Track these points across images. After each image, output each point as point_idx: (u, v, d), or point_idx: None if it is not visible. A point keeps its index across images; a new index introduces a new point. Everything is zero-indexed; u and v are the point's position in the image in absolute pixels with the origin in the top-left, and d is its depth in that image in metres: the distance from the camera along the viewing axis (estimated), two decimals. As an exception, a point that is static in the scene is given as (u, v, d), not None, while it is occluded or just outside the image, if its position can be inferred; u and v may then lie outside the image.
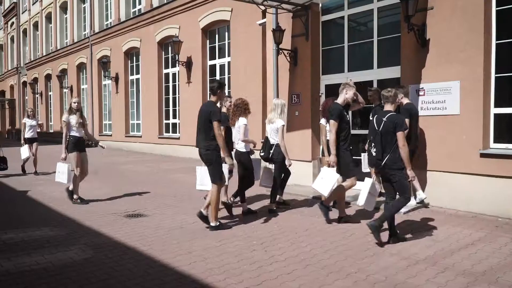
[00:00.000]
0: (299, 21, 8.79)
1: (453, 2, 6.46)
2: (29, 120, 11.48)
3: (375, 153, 5.04)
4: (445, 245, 4.95)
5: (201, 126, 5.74)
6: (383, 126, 4.95)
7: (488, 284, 3.82)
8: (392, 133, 4.87)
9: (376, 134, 5.02)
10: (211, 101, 5.83)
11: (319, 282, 3.90)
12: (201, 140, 5.74)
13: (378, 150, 4.98)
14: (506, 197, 6.03)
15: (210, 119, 5.55)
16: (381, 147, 4.95)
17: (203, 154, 5.73)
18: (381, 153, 4.94)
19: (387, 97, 5.11)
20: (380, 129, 4.97)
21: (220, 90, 5.83)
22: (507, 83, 6.34)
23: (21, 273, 4.21)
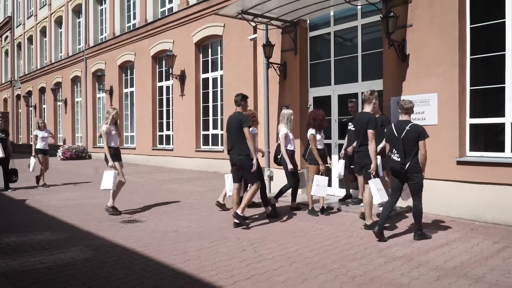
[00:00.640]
0: (288, 37, 9.24)
1: (431, 20, 6.93)
2: (41, 131, 11.44)
3: (399, 158, 5.47)
4: (421, 245, 5.32)
5: (233, 134, 6.45)
6: (405, 133, 5.45)
7: (457, 277, 4.18)
8: (414, 141, 5.42)
9: (398, 141, 5.49)
10: (239, 112, 6.58)
11: (303, 276, 4.25)
12: (233, 147, 6.44)
13: (401, 155, 5.45)
14: (481, 201, 6.43)
15: (241, 126, 6.31)
16: (404, 153, 5.42)
17: (236, 160, 6.43)
18: (404, 158, 5.42)
19: (406, 108, 5.63)
20: (402, 136, 5.46)
21: (244, 101, 6.66)
22: (481, 96, 6.79)
23: (26, 272, 4.51)
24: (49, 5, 26.85)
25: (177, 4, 16.00)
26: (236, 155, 6.41)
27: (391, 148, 5.67)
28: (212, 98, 14.83)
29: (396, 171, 5.58)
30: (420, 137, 5.45)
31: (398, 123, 5.70)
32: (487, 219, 6.38)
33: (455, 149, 6.71)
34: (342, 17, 8.70)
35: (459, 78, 6.69)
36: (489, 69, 6.68)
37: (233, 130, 6.45)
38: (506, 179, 6.19)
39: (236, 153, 6.41)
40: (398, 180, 5.64)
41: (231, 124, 6.53)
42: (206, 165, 14.47)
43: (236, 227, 6.35)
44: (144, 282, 4.16)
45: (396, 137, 5.56)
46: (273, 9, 8.50)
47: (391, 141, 5.67)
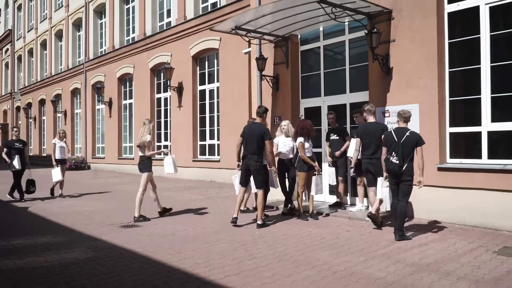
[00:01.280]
0: (280, 51, 9.70)
1: (412, 36, 7.39)
2: (59, 141, 11.21)
3: (397, 161, 5.95)
4: (401, 245, 5.70)
5: (253, 142, 7.10)
6: (405, 139, 5.94)
7: (429, 272, 4.56)
8: (412, 146, 5.94)
9: (398, 145, 5.95)
10: (259, 123, 7.37)
11: (289, 272, 4.62)
12: (251, 153, 7.09)
13: (400, 158, 5.92)
14: (460, 205, 6.82)
15: (263, 138, 7.04)
16: (402, 156, 5.90)
17: (252, 165, 7.09)
18: (402, 161, 5.91)
19: (406, 117, 6.20)
20: (401, 141, 5.93)
21: (265, 114, 7.53)
22: (460, 106, 7.22)
23: (33, 269, 4.87)
24: (49, 19, 27.42)
25: (175, 18, 16.53)
26: (253, 161, 7.06)
27: (390, 152, 6.11)
28: (209, 109, 15.27)
29: (394, 172, 6.05)
30: (418, 143, 5.99)
31: (397, 129, 6.19)
32: (465, 222, 6.77)
33: (436, 156, 7.12)
34: (331, 32, 9.17)
35: (439, 90, 7.12)
36: (466, 81, 7.12)
37: (253, 139, 7.11)
38: (483, 184, 6.58)
39: (254, 160, 7.06)
40: (394, 183, 6.13)
41: (251, 133, 7.16)
42: (203, 175, 14.85)
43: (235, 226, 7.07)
44: (142, 278, 4.52)
45: (396, 142, 6.03)
46: (266, 25, 8.96)
47: (390, 145, 6.12)
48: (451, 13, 7.20)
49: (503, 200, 6.36)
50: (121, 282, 4.39)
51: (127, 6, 20.23)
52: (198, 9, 15.72)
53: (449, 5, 7.20)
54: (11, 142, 10.78)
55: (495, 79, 6.74)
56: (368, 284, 4.21)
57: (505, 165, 6.44)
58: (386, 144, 6.22)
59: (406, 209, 6.08)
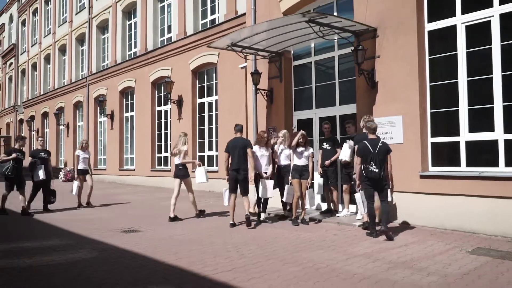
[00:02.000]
0: (274, 66, 10.24)
1: (394, 52, 7.91)
2: (82, 152, 11.30)
3: (377, 169, 6.52)
4: (383, 245, 6.14)
5: (239, 154, 8.00)
6: (379, 149, 6.59)
7: (404, 268, 5.00)
8: (385, 155, 6.67)
9: (374, 155, 6.54)
10: (241, 137, 8.32)
11: (276, 268, 5.07)
12: (238, 164, 8.00)
13: (378, 166, 6.53)
14: (441, 211, 7.27)
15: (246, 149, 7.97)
16: (379, 164, 6.52)
17: (241, 174, 7.98)
18: (380, 168, 6.53)
19: (373, 129, 6.85)
20: (376, 151, 6.54)
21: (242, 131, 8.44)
22: (440, 117, 7.70)
23: (42, 266, 5.33)
24: (53, 34, 28.12)
25: (175, 34, 17.13)
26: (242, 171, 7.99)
27: (368, 161, 6.63)
28: (208, 121, 15.77)
29: (375, 179, 6.63)
30: (388, 151, 6.78)
31: (370, 140, 6.76)
32: (446, 226, 7.21)
33: (418, 165, 7.58)
34: (322, 49, 9.72)
35: (420, 102, 7.62)
36: (445, 94, 7.61)
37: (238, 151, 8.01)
38: (462, 190, 7.03)
39: (242, 170, 7.99)
40: (373, 188, 6.70)
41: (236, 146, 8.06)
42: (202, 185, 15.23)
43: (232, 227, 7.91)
44: (142, 273, 4.97)
45: (372, 152, 6.59)
46: (261, 42, 9.51)
47: (367, 155, 6.64)
48: (430, 31, 7.73)
49: (480, 205, 6.81)
50: (122, 277, 4.84)
51: (129, 22, 20.89)
52: (198, 26, 16.32)
53: (429, 24, 7.74)
54: (36, 151, 10.68)
55: (471, 92, 7.24)
56: (347, 278, 4.65)
57: (480, 173, 6.91)
58: (362, 154, 6.75)
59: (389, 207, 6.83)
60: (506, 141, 6.81)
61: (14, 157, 9.78)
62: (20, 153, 10.07)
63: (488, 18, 7.02)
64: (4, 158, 9.86)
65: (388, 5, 8.02)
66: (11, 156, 9.80)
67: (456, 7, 7.42)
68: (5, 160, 9.77)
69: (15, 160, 9.82)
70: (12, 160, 9.78)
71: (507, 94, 6.83)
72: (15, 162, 9.83)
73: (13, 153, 9.86)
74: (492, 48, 6.96)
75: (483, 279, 4.58)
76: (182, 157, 9.07)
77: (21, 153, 10.13)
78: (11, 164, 9.73)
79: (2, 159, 9.86)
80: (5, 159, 9.80)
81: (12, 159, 9.77)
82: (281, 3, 10.02)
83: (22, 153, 10.19)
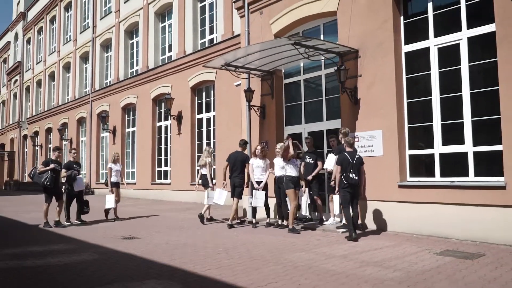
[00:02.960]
0: (266, 84, 10.91)
1: (374, 72, 8.57)
2: (115, 165, 11.46)
3: (356, 177, 7.45)
4: (359, 249, 6.70)
5: (238, 165, 9.57)
6: (356, 160, 7.51)
7: (373, 266, 5.57)
8: (360, 165, 7.62)
9: (353, 165, 7.45)
10: (241, 151, 9.84)
11: (258, 266, 5.64)
12: (237, 173, 9.56)
13: (356, 174, 7.46)
14: (417, 217, 7.83)
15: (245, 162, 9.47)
16: (357, 173, 7.45)
17: (236, 182, 9.54)
18: (358, 176, 7.46)
19: (351, 143, 7.75)
20: (354, 161, 7.45)
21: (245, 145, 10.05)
22: (417, 132, 8.32)
23: (50, 266, 5.91)
24: (58, 52, 29.06)
25: (175, 53, 17.93)
26: (238, 179, 9.56)
27: (348, 170, 7.46)
28: (206, 136, 16.43)
29: (354, 186, 7.51)
30: (362, 163, 7.65)
31: (349, 153, 7.62)
32: (422, 232, 7.76)
33: (397, 175, 8.17)
34: (310, 68, 10.41)
35: (398, 118, 8.24)
36: (421, 110, 8.24)
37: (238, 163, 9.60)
38: (436, 199, 7.60)
39: (238, 178, 9.56)
40: (350, 194, 7.49)
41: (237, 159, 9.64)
42: (201, 197, 15.80)
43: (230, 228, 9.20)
44: (139, 271, 5.55)
45: (351, 162, 7.46)
46: (253, 61, 10.20)
47: (347, 165, 7.48)
48: (407, 52, 8.41)
49: (452, 212, 7.38)
50: (121, 274, 5.43)
51: (132, 41, 21.74)
52: (197, 45, 17.11)
53: (405, 46, 8.42)
54: (70, 163, 10.58)
55: (444, 108, 7.87)
56: (320, 274, 5.22)
57: (452, 182, 7.49)
58: (342, 164, 7.51)
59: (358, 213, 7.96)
60: (475, 153, 7.41)
61: (52, 168, 9.83)
62: (57, 163, 10.10)
63: (457, 41, 7.69)
64: (42, 169, 9.89)
65: (368, 28, 8.70)
66: (49, 167, 9.83)
67: (429, 31, 8.10)
68: (43, 171, 9.81)
69: (52, 170, 9.86)
70: (50, 170, 9.82)
71: (475, 110, 7.46)
72: (53, 173, 9.86)
73: (50, 164, 9.92)
74: (461, 68, 7.61)
75: (441, 274, 5.14)
76: (207, 168, 10.33)
77: (57, 163, 10.14)
78: (50, 174, 9.76)
79: (40, 170, 9.91)
80: (43, 170, 9.84)
81: (49, 170, 9.80)
82: (273, 26, 10.74)
83: (59, 164, 10.21)
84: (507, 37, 6.79)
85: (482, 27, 7.38)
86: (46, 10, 31.10)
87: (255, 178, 9.40)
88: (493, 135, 7.13)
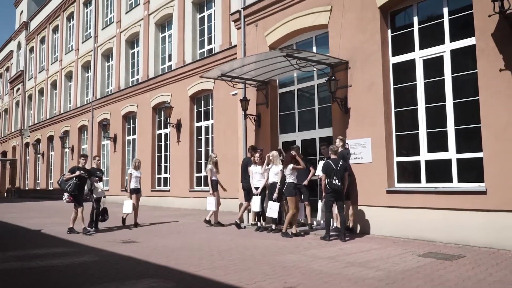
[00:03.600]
0: (261, 93, 11.31)
1: (363, 82, 8.95)
2: (135, 171, 11.47)
3: (339, 182, 7.96)
4: (347, 251, 7.04)
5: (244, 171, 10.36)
6: (339, 167, 8.00)
7: (358, 266, 5.90)
8: (343, 172, 8.09)
9: (337, 171, 7.96)
10: (247, 156, 10.53)
11: (249, 266, 5.99)
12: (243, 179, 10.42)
13: (339, 180, 7.98)
14: (405, 222, 8.16)
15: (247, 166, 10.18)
16: (341, 179, 7.96)
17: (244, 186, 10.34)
18: (341, 182, 7.98)
19: (335, 151, 8.23)
20: (337, 168, 7.95)
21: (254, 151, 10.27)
22: (404, 140, 8.68)
23: (52, 267, 6.26)
24: (60, 61, 29.54)
25: (175, 62, 18.36)
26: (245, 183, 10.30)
27: (332, 176, 7.93)
28: (204, 144, 16.81)
29: (338, 191, 7.94)
30: (346, 169, 8.14)
31: (333, 160, 8.08)
32: (409, 235, 8.09)
33: (385, 181, 8.52)
34: (303, 78, 10.81)
35: (386, 126, 8.61)
36: (408, 119, 8.61)
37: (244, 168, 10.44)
38: (422, 204, 7.95)
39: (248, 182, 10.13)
40: (334, 199, 7.94)
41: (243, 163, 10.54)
42: (199, 204, 16.16)
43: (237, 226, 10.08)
44: (136, 270, 5.90)
45: (335, 169, 7.92)
46: (249, 72, 10.60)
47: (331, 172, 7.92)
48: (394, 64, 8.80)
49: (436, 216, 7.71)
50: (120, 273, 5.78)
51: (132, 50, 22.20)
52: (196, 55, 17.55)
53: (393, 58, 8.81)
54: (93, 170, 10.66)
55: (429, 117, 8.24)
56: (306, 273, 5.56)
57: (436, 188, 7.84)
58: (327, 171, 8.00)
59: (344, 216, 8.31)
60: (458, 160, 7.77)
61: (78, 175, 9.93)
62: (83, 171, 10.16)
63: (441, 53, 8.08)
64: (68, 176, 10.02)
65: (357, 41, 9.10)
66: (74, 174, 9.94)
67: (415, 44, 8.50)
68: (69, 178, 9.92)
69: (78, 177, 9.95)
70: (75, 177, 9.91)
71: (458, 119, 7.83)
72: (78, 180, 9.96)
73: (76, 171, 10.02)
74: (445, 79, 8.00)
75: (419, 273, 5.47)
76: (208, 175, 10.92)
77: (84, 171, 10.20)
78: (74, 181, 9.87)
79: (66, 177, 10.03)
80: (69, 177, 9.96)
81: (75, 177, 9.90)
82: (268, 37, 11.16)
83: (85, 171, 10.26)
84: (485, 50, 7.17)
85: (464, 40, 7.77)
86: (48, 20, 31.65)
87: (254, 184, 9.83)
88: (474, 143, 7.49)
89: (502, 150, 6.94)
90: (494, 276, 5.33)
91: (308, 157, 10.05)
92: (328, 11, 9.62)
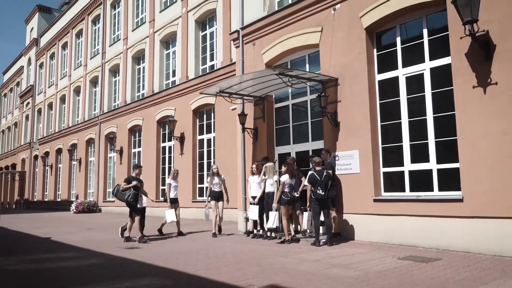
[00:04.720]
0: (258, 108, 11.96)
1: (352, 98, 9.57)
2: (173, 181, 11.70)
3: (322, 192, 8.59)
4: (333, 255, 7.59)
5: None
6: (323, 178, 8.66)
7: (339, 267, 6.47)
8: (328, 182, 8.73)
9: (321, 182, 8.60)
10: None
11: (241, 267, 6.57)
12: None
13: (324, 190, 8.62)
14: (390, 228, 8.71)
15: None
16: (324, 189, 8.58)
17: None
18: (325, 191, 8.59)
19: (318, 163, 8.84)
20: (322, 179, 8.58)
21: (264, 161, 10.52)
22: (390, 151, 9.26)
23: (61, 268, 6.89)
24: (69, 76, 30.50)
25: (178, 78, 19.14)
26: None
27: (316, 187, 8.56)
28: (207, 156, 17.46)
29: (322, 200, 8.60)
30: (330, 179, 8.81)
31: (317, 171, 8.79)
32: (394, 241, 8.63)
33: (372, 190, 9.08)
34: (297, 93, 11.46)
35: (373, 139, 9.20)
36: (393, 132, 9.20)
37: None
38: (405, 211, 8.49)
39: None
40: (320, 207, 8.54)
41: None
42: (201, 214, 16.75)
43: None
44: (139, 271, 6.50)
45: (319, 180, 8.56)
46: (246, 88, 11.26)
47: (315, 182, 8.54)
48: (380, 80, 9.43)
49: (418, 223, 8.25)
50: (123, 273, 6.40)
51: (138, 66, 23.04)
52: (198, 70, 18.31)
53: (378, 75, 9.44)
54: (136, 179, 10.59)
55: (412, 130, 8.83)
56: (291, 273, 6.14)
57: (418, 196, 8.40)
58: (312, 182, 8.66)
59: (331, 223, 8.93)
60: (439, 170, 8.33)
61: (135, 185, 10.22)
62: (138, 181, 10.42)
63: (422, 71, 8.70)
64: (125, 186, 10.23)
65: (346, 59, 9.75)
66: (131, 184, 10.18)
67: (398, 62, 9.14)
68: (126, 188, 10.17)
69: (134, 187, 10.22)
70: (132, 187, 10.20)
71: (438, 132, 8.41)
72: (135, 189, 10.23)
73: (133, 181, 10.27)
74: (425, 95, 8.60)
75: (394, 273, 6.03)
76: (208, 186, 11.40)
77: (138, 181, 10.46)
78: (132, 191, 10.15)
79: (123, 187, 10.25)
80: (126, 187, 10.19)
81: (132, 187, 10.19)
82: (264, 55, 11.85)
83: (140, 181, 10.52)
84: (460, 69, 7.78)
85: (441, 59, 8.39)
86: (58, 37, 32.71)
87: (251, 193, 10.41)
88: (452, 154, 8.06)
89: (477, 160, 7.50)
90: (461, 275, 5.87)
91: (302, 168, 10.63)
92: (319, 31, 10.30)
